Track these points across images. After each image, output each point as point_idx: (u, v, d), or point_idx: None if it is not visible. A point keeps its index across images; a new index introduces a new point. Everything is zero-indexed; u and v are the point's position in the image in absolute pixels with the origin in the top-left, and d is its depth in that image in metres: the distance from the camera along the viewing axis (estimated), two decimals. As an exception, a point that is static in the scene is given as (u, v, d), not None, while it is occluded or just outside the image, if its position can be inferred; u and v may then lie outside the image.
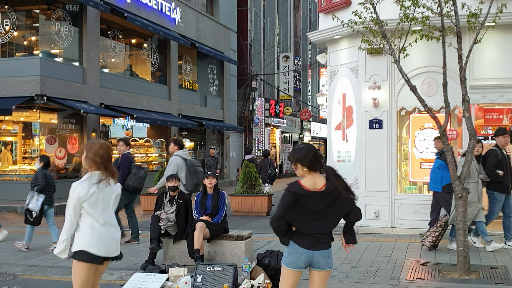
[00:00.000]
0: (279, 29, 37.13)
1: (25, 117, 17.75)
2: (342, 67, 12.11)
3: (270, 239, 10.40)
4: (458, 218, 7.54)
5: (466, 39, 9.33)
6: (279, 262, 7.00)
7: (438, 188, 9.85)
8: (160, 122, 20.79)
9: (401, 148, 11.60)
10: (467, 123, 7.71)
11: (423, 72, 10.96)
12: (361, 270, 7.74)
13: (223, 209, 8.36)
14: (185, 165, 9.42)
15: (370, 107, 11.33)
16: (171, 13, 23.24)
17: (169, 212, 8.33)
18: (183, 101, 24.54)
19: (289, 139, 38.98)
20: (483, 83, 10.60)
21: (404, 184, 11.50)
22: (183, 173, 9.35)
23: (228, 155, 29.42)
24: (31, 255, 9.19)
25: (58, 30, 17.39)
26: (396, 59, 7.99)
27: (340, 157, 12.10)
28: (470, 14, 7.87)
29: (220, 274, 6.82)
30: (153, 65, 23.04)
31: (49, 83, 16.31)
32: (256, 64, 33.05)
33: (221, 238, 8.28)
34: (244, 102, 31.45)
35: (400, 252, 8.97)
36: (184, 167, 9.40)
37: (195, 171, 9.41)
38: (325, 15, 12.39)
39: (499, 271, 7.57)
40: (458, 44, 7.65)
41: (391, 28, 8.71)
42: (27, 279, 7.60)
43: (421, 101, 7.91)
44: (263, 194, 15.07)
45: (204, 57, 26.83)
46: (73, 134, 17.82)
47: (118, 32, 20.69)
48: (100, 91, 18.65)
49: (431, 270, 7.63)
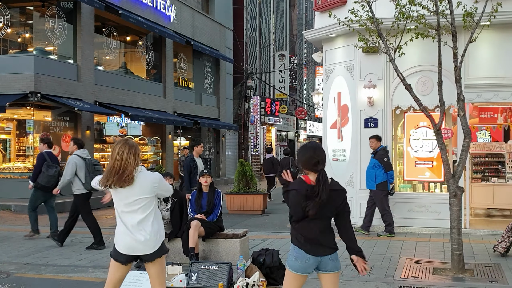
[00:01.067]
0: (275, 28, 37.11)
1: (19, 115, 17.69)
2: (338, 66, 12.11)
3: (265, 237, 10.40)
4: (453, 216, 7.55)
5: (461, 38, 9.36)
6: (274, 260, 7.01)
7: (372, 187, 10.40)
8: (155, 120, 20.74)
9: (396, 147, 11.62)
10: (462, 122, 7.72)
11: (418, 71, 10.98)
12: (356, 268, 7.73)
13: (218, 207, 8.34)
14: (84, 164, 9.54)
15: (365, 106, 11.34)
16: (166, 11, 23.19)
17: (163, 211, 8.31)
18: (179, 99, 24.50)
19: (285, 138, 38.99)
20: (478, 82, 10.62)
21: (399, 183, 11.52)
22: (82, 172, 9.49)
23: (223, 153, 29.38)
24: (25, 253, 9.16)
25: (52, 27, 17.32)
26: (391, 57, 8.00)
27: (336, 156, 12.11)
28: (466, 13, 7.88)
29: (215, 272, 6.81)
30: (148, 62, 22.99)
31: (43, 81, 16.25)
32: (252, 62, 33.03)
33: (216, 236, 8.26)
34: (240, 100, 31.42)
35: (395, 250, 8.98)
36: (84, 166, 9.53)
37: (94, 170, 9.49)
38: (321, 13, 12.38)
39: (493, 269, 7.59)
40: (453, 43, 7.65)
41: (386, 27, 8.71)
42: (21, 277, 7.57)
43: (416, 100, 7.92)
44: (258, 192, 15.07)
45: (199, 55, 26.79)
46: (67, 131, 17.76)
47: (113, 30, 20.63)
48: (94, 89, 18.59)
49: (425, 268, 7.64)
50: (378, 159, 10.34)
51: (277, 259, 7.02)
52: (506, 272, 7.43)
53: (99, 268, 7.92)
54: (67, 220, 9.71)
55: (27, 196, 11.34)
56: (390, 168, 10.37)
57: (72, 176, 9.45)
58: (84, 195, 9.59)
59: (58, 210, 15.12)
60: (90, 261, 8.46)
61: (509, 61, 10.65)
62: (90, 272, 7.76)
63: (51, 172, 10.19)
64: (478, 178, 12.48)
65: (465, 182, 10.71)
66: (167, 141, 23.53)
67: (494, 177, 12.35)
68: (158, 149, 23.50)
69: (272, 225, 12.57)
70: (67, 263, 8.38)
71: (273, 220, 13.48)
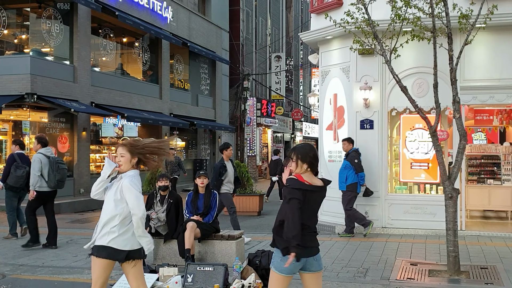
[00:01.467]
0: (271, 29, 37.13)
1: (15, 116, 17.65)
2: (334, 68, 12.13)
3: (261, 238, 10.40)
4: (448, 218, 7.57)
5: (457, 40, 9.39)
6: (270, 262, 7.00)
7: (343, 188, 10.66)
8: (151, 122, 20.73)
9: (392, 149, 11.64)
10: (458, 124, 7.74)
11: (414, 73, 10.99)
12: (352, 270, 7.75)
13: (214, 209, 8.35)
14: (48, 162, 9.65)
15: (361, 108, 11.35)
16: (162, 12, 23.18)
17: (159, 212, 8.30)
18: (175, 101, 24.49)
19: (281, 139, 39.00)
20: (473, 84, 10.64)
21: (394, 184, 11.54)
22: (46, 170, 9.60)
23: (219, 154, 29.37)
24: (20, 255, 9.14)
25: (49, 29, 17.30)
26: (387, 59, 8.01)
27: (331, 157, 12.12)
28: (461, 15, 7.90)
29: (210, 274, 6.81)
30: (144, 64, 22.97)
31: (40, 82, 16.22)
32: (248, 64, 33.03)
33: (212, 238, 8.26)
34: (236, 101, 31.41)
35: (390, 252, 8.99)
36: (48, 164, 9.63)
37: (58, 168, 9.66)
38: (317, 15, 12.40)
39: (489, 271, 7.60)
40: (449, 45, 7.67)
41: (382, 29, 8.73)
42: (16, 279, 7.55)
43: (412, 102, 7.94)
44: (254, 194, 15.08)
45: (195, 57, 26.78)
46: (64, 133, 17.72)
47: (109, 31, 20.61)
48: (91, 90, 18.57)
49: (421, 270, 7.66)
50: (349, 161, 10.62)
51: (273, 260, 7.02)
52: (501, 274, 7.45)
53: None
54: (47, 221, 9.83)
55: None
56: (361, 169, 10.60)
57: (39, 171, 9.57)
58: (45, 194, 9.71)
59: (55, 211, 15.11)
60: (86, 263, 8.44)
61: (505, 63, 10.68)
62: (85, 274, 7.74)
63: (19, 172, 10.33)
64: (473, 180, 12.50)
65: (461, 184, 10.75)
66: (163, 142, 23.47)
67: (489, 179, 12.37)
68: (154, 150, 23.44)
69: (268, 227, 12.56)
70: (63, 265, 8.37)
71: (269, 221, 13.48)
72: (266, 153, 35.41)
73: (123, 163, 4.77)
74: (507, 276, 7.35)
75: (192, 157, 26.91)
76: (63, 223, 13.39)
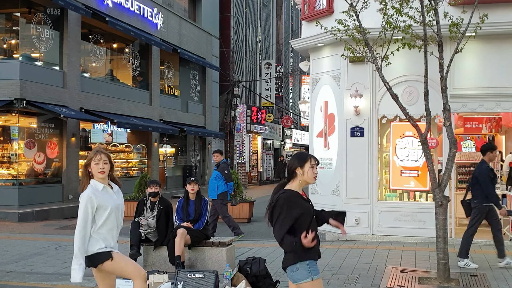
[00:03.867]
0: (261, 36, 37.24)
1: (3, 121, 17.50)
2: (324, 75, 12.17)
3: (251, 245, 10.38)
4: (438, 226, 7.59)
5: (447, 49, 9.46)
6: (260, 269, 6.99)
7: (214, 196, 11.57)
8: (141, 128, 20.66)
9: (382, 156, 11.67)
10: (448, 132, 7.78)
11: (404, 81, 11.06)
12: (342, 277, 7.75)
13: (205, 215, 8.33)
14: None
15: (351, 115, 11.39)
16: (153, 18, 23.17)
17: (149, 218, 8.27)
18: (165, 107, 24.44)
19: (271, 146, 39.03)
20: (463, 92, 10.72)
21: (384, 192, 11.57)
22: None
23: (209, 161, 29.32)
24: (9, 261, 9.05)
25: (39, 34, 17.21)
26: (378, 67, 8.05)
27: (322, 165, 12.13)
28: (452, 24, 7.95)
29: (201, 281, 6.78)
30: (134, 70, 22.92)
31: (29, 87, 16.13)
32: (238, 71, 33.08)
33: (202, 244, 8.23)
34: (226, 108, 31.42)
35: (380, 259, 9.00)
36: None
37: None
38: (308, 23, 12.45)
39: (479, 279, 7.63)
40: (439, 54, 7.72)
41: (373, 37, 8.77)
42: (5, 285, 7.48)
43: (402, 110, 7.98)
44: (244, 200, 15.04)
45: (186, 63, 26.76)
46: (53, 138, 17.61)
47: (100, 37, 20.55)
48: (80, 96, 18.48)
49: (411, 278, 7.67)
50: (220, 171, 11.56)
51: (264, 267, 7.00)
52: (491, 281, 7.48)
53: (84, 277, 7.82)
54: None
55: (11, 203, 11.29)
56: (230, 179, 11.65)
57: None
58: None
59: (43, 217, 15.01)
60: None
61: (494, 72, 10.76)
62: (74, 281, 7.67)
63: None
64: (463, 187, 12.54)
65: (451, 192, 10.79)
66: (153, 148, 23.44)
67: (478, 187, 12.40)
68: (143, 156, 23.38)
69: (258, 234, 12.54)
70: (52, 271, 8.29)
71: (259, 228, 13.45)
72: (256, 160, 35.41)
73: (106, 171, 4.79)
74: (497, 283, 7.38)
75: (181, 164, 26.83)
76: (51, 229, 13.29)
